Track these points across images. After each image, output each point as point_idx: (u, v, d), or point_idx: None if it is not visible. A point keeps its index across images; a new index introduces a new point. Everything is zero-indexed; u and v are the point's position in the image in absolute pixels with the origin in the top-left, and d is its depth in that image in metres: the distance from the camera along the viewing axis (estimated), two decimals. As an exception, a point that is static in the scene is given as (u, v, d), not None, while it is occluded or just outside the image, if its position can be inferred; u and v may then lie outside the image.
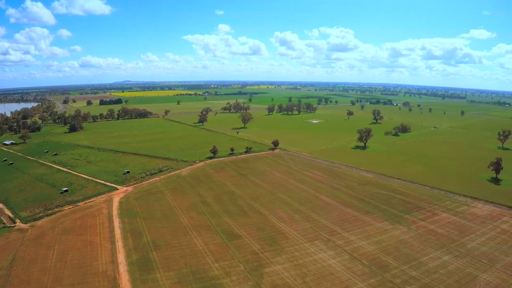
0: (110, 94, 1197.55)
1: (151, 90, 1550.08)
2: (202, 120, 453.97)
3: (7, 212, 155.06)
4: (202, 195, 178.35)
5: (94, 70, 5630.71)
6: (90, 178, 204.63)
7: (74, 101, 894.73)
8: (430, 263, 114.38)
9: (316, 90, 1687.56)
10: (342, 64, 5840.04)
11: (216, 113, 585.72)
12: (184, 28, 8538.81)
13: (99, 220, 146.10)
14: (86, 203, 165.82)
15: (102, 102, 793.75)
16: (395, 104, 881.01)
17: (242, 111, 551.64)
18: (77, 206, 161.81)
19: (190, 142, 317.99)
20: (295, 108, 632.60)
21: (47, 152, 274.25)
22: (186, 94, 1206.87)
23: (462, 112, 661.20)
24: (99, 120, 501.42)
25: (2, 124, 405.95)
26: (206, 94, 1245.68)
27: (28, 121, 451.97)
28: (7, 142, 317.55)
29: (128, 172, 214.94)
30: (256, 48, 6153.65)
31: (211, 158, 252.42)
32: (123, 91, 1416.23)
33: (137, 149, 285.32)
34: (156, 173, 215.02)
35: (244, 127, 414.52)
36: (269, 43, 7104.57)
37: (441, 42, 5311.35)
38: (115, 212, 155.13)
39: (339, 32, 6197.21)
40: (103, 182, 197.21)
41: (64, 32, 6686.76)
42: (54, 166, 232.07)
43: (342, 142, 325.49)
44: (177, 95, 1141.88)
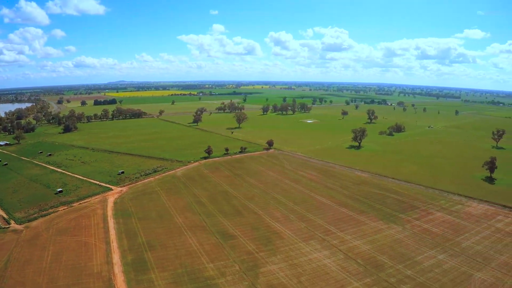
0: (105, 95, 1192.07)
1: (145, 90, 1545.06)
2: (197, 120, 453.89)
3: (2, 213, 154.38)
4: (197, 195, 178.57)
5: (88, 70, 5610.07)
6: (85, 178, 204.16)
7: (69, 101, 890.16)
8: (425, 262, 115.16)
9: (310, 90, 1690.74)
10: (337, 64, 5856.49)
11: (211, 113, 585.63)
12: (178, 28, 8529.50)
13: (94, 221, 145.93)
14: (80, 203, 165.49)
15: (97, 103, 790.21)
16: (389, 103, 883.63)
17: (237, 111, 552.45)
18: (71, 206, 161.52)
19: (184, 142, 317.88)
20: (289, 108, 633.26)
21: (41, 152, 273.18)
22: (181, 94, 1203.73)
23: (457, 112, 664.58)
24: (93, 120, 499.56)
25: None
26: (201, 94, 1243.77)
27: (22, 121, 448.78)
28: (1, 143, 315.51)
29: (122, 172, 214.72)
30: (251, 48, 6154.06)
31: (205, 158, 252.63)
32: (117, 91, 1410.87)
33: (131, 149, 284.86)
34: (150, 173, 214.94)
35: (238, 127, 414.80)
36: (263, 43, 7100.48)
37: (435, 42, 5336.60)
38: (109, 212, 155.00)
39: (334, 32, 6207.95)
40: (98, 182, 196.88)
41: (58, 32, 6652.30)
42: (48, 166, 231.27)
43: (337, 142, 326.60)
44: (171, 95, 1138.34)
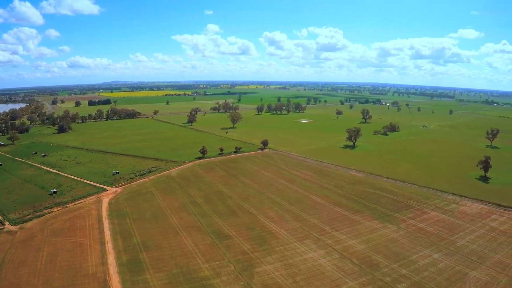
0: (99, 95, 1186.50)
1: (140, 91, 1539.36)
2: (191, 120, 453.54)
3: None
4: (192, 195, 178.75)
5: (82, 71, 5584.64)
6: (79, 179, 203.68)
7: (63, 101, 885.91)
8: (420, 261, 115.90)
9: (305, 89, 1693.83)
10: (331, 64, 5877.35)
11: (205, 113, 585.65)
12: (173, 28, 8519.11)
13: (89, 222, 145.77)
14: (75, 204, 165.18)
15: (91, 103, 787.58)
16: (384, 103, 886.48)
17: (231, 111, 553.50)
18: (66, 207, 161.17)
19: (179, 143, 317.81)
20: (284, 108, 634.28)
21: (35, 153, 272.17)
22: (175, 94, 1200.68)
23: (451, 111, 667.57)
24: (87, 120, 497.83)
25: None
26: (195, 94, 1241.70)
27: (17, 122, 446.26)
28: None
29: (117, 173, 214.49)
30: (245, 48, 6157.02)
31: (200, 158, 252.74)
32: (111, 92, 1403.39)
33: (126, 149, 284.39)
34: (145, 173, 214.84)
35: (233, 127, 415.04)
36: (258, 43, 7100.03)
37: (429, 41, 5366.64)
38: (104, 213, 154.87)
39: (328, 32, 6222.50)
40: (92, 183, 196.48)
41: (53, 32, 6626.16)
42: (42, 167, 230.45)
43: (332, 142, 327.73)
44: (166, 95, 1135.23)
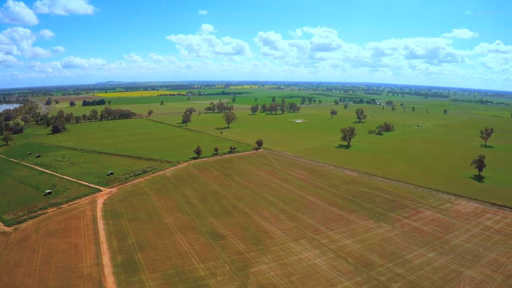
0: (93, 95, 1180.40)
1: (134, 91, 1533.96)
2: (186, 120, 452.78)
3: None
4: (187, 195, 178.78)
5: (77, 71, 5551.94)
6: (74, 179, 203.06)
7: (57, 102, 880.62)
8: (415, 261, 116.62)
9: (299, 89, 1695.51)
10: (326, 63, 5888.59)
11: (200, 113, 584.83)
12: (167, 28, 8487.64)
13: (83, 222, 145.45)
14: (70, 205, 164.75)
15: (85, 103, 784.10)
16: (378, 103, 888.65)
17: (226, 111, 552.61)
18: (61, 208, 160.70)
19: (174, 143, 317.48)
20: (278, 107, 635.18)
21: (30, 154, 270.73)
22: (170, 95, 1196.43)
23: (445, 111, 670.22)
24: (82, 121, 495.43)
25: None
26: (190, 94, 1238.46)
27: (11, 122, 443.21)
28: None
29: (112, 173, 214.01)
30: (240, 48, 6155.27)
31: (195, 158, 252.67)
32: (106, 92, 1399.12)
33: (120, 150, 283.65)
34: (140, 174, 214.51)
35: (227, 127, 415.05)
36: (252, 43, 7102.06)
37: (424, 41, 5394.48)
38: (99, 214, 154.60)
39: (323, 32, 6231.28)
40: (87, 183, 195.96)
41: (47, 32, 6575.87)
42: (37, 168, 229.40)
43: (326, 141, 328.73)
44: (160, 95, 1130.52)
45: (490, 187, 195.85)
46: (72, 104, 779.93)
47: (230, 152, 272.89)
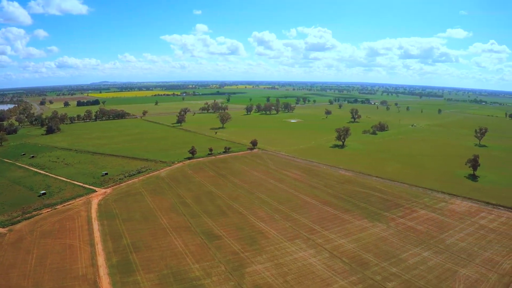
0: (88, 95, 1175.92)
1: (128, 91, 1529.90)
2: (180, 120, 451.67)
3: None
4: (181, 195, 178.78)
5: (71, 71, 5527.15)
6: (68, 180, 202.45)
7: (51, 102, 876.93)
8: (410, 260, 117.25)
9: (294, 89, 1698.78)
10: (320, 63, 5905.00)
11: (194, 113, 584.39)
12: (161, 28, 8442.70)
13: (78, 223, 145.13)
14: (64, 206, 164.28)
15: (80, 103, 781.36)
16: (372, 103, 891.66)
17: (220, 111, 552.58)
18: (55, 209, 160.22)
19: (168, 143, 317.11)
20: (273, 107, 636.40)
21: (24, 154, 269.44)
22: (164, 95, 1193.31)
23: (439, 111, 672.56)
24: (76, 121, 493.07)
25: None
26: (184, 94, 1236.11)
27: (5, 123, 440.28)
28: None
29: (106, 173, 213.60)
30: (234, 48, 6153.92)
31: (189, 158, 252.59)
32: (100, 92, 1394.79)
33: (115, 150, 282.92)
34: (134, 174, 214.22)
35: (222, 127, 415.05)
36: (247, 43, 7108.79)
37: (418, 41, 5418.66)
38: (94, 214, 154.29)
39: (317, 31, 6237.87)
40: (81, 184, 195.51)
41: (41, 32, 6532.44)
42: (31, 168, 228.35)
43: (321, 141, 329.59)
44: (155, 95, 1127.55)
45: (485, 186, 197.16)
46: (66, 104, 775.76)
47: (224, 152, 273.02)
